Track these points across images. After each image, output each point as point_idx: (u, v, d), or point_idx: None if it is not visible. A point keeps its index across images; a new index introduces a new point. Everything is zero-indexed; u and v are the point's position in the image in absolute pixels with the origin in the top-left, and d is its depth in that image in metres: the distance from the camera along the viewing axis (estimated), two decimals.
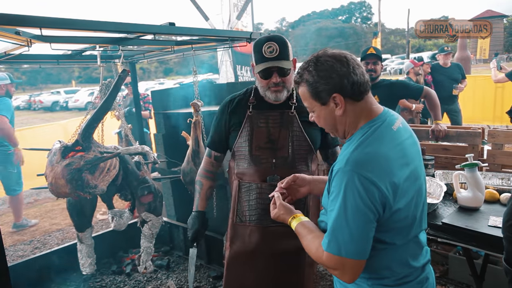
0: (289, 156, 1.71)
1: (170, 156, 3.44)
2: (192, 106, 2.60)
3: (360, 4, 76.42)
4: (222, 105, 1.84)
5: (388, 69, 26.07)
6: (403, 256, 1.12)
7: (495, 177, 2.29)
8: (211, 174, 1.89)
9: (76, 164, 2.23)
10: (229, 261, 1.81)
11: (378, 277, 1.11)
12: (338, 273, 1.06)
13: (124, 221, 2.71)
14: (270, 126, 1.73)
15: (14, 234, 4.44)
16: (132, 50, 3.11)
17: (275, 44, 1.60)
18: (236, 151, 1.78)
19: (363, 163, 1.02)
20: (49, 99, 25.05)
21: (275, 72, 1.63)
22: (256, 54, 1.64)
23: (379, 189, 1.00)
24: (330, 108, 1.12)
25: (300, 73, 1.15)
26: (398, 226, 1.08)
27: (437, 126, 2.80)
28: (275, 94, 1.67)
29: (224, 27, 5.59)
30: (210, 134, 1.89)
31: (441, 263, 2.93)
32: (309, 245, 1.15)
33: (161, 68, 44.82)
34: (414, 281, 1.13)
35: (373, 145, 1.05)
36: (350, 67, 1.09)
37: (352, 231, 1.01)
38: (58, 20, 1.77)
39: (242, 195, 1.76)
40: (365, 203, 1.00)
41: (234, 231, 1.79)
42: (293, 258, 1.77)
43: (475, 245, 1.70)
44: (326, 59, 1.10)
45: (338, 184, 1.03)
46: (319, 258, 1.09)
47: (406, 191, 1.07)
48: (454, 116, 5.23)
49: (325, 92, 1.09)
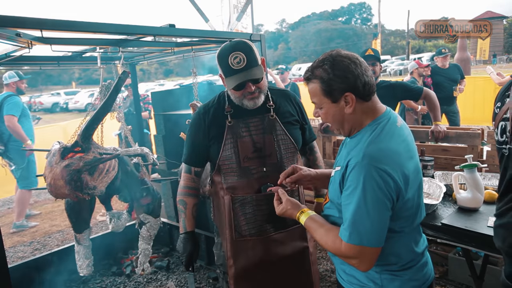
0: (278, 161, 1.66)
1: (170, 157, 3.44)
2: (192, 107, 2.60)
3: (360, 5, 76.61)
4: (196, 117, 1.72)
5: (388, 70, 26.10)
6: (408, 243, 1.21)
7: (494, 178, 2.30)
8: (194, 190, 1.76)
9: (75, 165, 2.23)
10: (236, 279, 1.72)
11: (386, 264, 1.18)
12: (357, 261, 1.11)
13: (122, 222, 2.71)
14: (253, 134, 1.65)
15: (14, 236, 4.44)
16: (132, 51, 3.12)
17: (240, 53, 1.52)
18: (222, 165, 1.67)
19: (379, 157, 1.09)
20: (49, 100, 25.10)
21: (248, 82, 1.55)
22: (223, 67, 1.55)
23: (394, 180, 1.08)
24: (340, 106, 1.17)
25: (312, 71, 1.18)
26: (406, 214, 1.17)
27: (436, 127, 2.80)
28: (253, 101, 1.59)
29: (224, 29, 5.61)
30: (186, 149, 1.75)
31: (441, 264, 2.92)
32: (323, 238, 1.20)
33: (161, 70, 44.91)
34: (416, 266, 1.21)
35: (385, 141, 1.13)
36: (363, 69, 1.15)
37: (373, 221, 1.07)
38: (58, 22, 1.77)
39: (237, 209, 1.68)
40: (383, 193, 1.07)
41: (235, 247, 1.71)
42: (299, 259, 1.76)
43: (474, 246, 1.70)
44: (342, 59, 1.14)
45: (356, 177, 1.08)
46: (337, 249, 1.14)
47: (413, 182, 1.16)
48: (452, 117, 5.24)
49: (339, 90, 1.14)
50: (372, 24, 68.08)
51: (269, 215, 1.65)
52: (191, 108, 2.61)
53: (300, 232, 1.76)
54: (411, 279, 1.20)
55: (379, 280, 1.19)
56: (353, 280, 1.25)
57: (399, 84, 3.23)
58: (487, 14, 25.99)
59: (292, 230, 1.74)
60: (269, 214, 1.65)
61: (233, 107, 1.67)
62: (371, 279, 1.20)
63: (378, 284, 1.19)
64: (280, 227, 1.71)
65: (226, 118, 1.66)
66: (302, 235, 1.77)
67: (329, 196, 1.29)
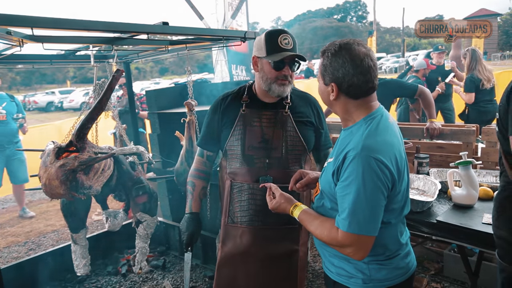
0: (282, 156, 1.69)
1: (165, 156, 3.43)
2: (186, 105, 2.59)
3: (355, 3, 76.63)
4: (214, 103, 1.80)
5: (384, 68, 26.15)
6: (395, 233, 1.27)
7: (489, 175, 2.31)
8: (204, 174, 1.84)
9: (70, 165, 2.21)
10: (220, 263, 1.77)
11: (374, 254, 1.22)
12: (353, 250, 1.15)
13: (119, 221, 2.70)
14: (263, 125, 1.69)
15: (8, 236, 4.41)
16: (126, 50, 3.10)
17: (289, 37, 1.59)
18: (228, 150, 1.74)
19: (377, 149, 1.13)
20: (44, 99, 24.90)
21: (287, 64, 1.60)
22: (269, 45, 1.59)
23: (390, 171, 1.13)
24: (328, 91, 1.25)
25: (324, 50, 1.26)
26: (396, 207, 1.22)
27: (431, 124, 2.81)
28: (283, 87, 1.63)
29: (219, 26, 5.58)
30: (201, 132, 1.84)
31: (436, 261, 2.94)
32: (318, 228, 1.24)
33: (157, 68, 44.71)
34: (401, 255, 1.28)
35: (381, 135, 1.18)
36: (360, 70, 1.18)
37: (372, 210, 1.12)
38: (49, 19, 1.75)
39: (234, 195, 1.73)
40: (382, 183, 1.12)
41: (226, 232, 1.76)
42: (286, 263, 1.74)
43: (469, 243, 1.71)
44: (344, 54, 1.19)
45: (355, 168, 1.12)
46: (333, 239, 1.18)
47: (404, 175, 1.22)
48: (447, 115, 5.26)
49: (328, 78, 1.23)
50: (368, 22, 68.23)
51: (262, 206, 1.66)
52: (186, 107, 2.60)
53: (293, 234, 1.74)
54: (396, 268, 1.26)
55: (367, 270, 1.24)
56: (342, 272, 1.28)
57: (394, 81, 3.25)
58: (481, 11, 26.11)
59: (285, 229, 1.72)
60: (262, 205, 1.66)
61: (250, 98, 1.73)
62: (360, 269, 1.25)
63: (366, 274, 1.24)
64: (272, 223, 1.70)
65: (241, 107, 1.71)
66: (294, 238, 1.75)
67: (321, 187, 1.32)
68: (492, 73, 4.39)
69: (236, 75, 5.78)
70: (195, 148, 2.60)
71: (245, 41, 2.58)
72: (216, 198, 2.92)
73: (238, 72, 5.80)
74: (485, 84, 4.25)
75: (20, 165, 4.70)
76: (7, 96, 4.72)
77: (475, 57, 4.28)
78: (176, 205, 3.56)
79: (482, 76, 4.24)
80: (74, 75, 37.66)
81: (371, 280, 1.24)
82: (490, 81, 4.28)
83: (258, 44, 1.63)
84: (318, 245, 1.37)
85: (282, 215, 1.66)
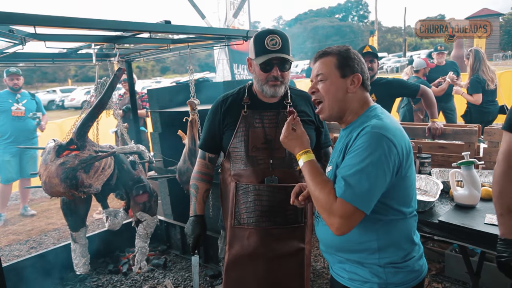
0: (286, 156, 1.69)
1: (167, 155, 3.43)
2: (189, 104, 2.59)
3: (357, 2, 76.47)
4: (215, 104, 1.79)
5: (385, 68, 26.10)
6: (408, 230, 1.26)
7: (491, 175, 2.30)
8: (207, 176, 1.83)
9: (70, 163, 2.21)
10: (228, 266, 1.75)
11: (388, 256, 1.21)
12: (339, 221, 1.11)
13: (119, 220, 2.69)
14: (266, 126, 1.69)
15: (9, 234, 4.42)
16: (128, 48, 3.10)
17: (277, 37, 1.58)
18: (232, 152, 1.73)
19: (387, 128, 1.16)
20: (45, 98, 24.86)
21: (276, 65, 1.60)
22: (256, 47, 1.60)
23: (398, 152, 1.15)
24: (346, 83, 1.25)
25: (327, 51, 1.29)
26: (405, 193, 1.23)
27: (433, 124, 2.80)
28: (274, 88, 1.63)
29: (221, 25, 5.58)
30: (202, 135, 1.83)
31: (438, 261, 2.94)
32: (318, 186, 1.18)
33: (158, 67, 44.71)
34: (415, 257, 1.26)
35: (388, 120, 1.22)
36: (365, 66, 1.31)
37: (371, 185, 1.11)
38: (52, 18, 1.75)
39: (240, 197, 1.71)
40: (387, 160, 1.12)
41: (232, 234, 1.74)
42: (293, 261, 1.75)
43: (471, 243, 1.71)
44: (356, 53, 1.30)
45: (364, 141, 1.14)
46: (327, 203, 1.14)
47: (411, 162, 1.23)
48: (449, 115, 5.24)
49: (351, 68, 1.26)
50: (369, 21, 68.06)
51: (269, 207, 1.67)
52: (188, 106, 2.59)
53: (299, 232, 1.75)
54: (412, 271, 1.24)
55: (383, 274, 1.21)
56: (355, 277, 1.25)
57: (396, 81, 3.23)
58: (483, 11, 26.00)
59: (292, 228, 1.73)
60: (268, 206, 1.67)
61: (251, 98, 1.72)
62: (375, 273, 1.22)
63: (382, 278, 1.21)
64: (279, 223, 1.71)
65: (242, 108, 1.70)
66: (301, 236, 1.76)
67: (330, 159, 1.34)
68: (495, 74, 4.37)
69: (238, 74, 5.78)
70: (197, 147, 2.59)
71: (247, 40, 2.58)
72: (217, 198, 2.93)
73: (239, 71, 5.80)
74: (490, 85, 4.23)
75: (30, 160, 4.78)
76: (28, 94, 4.83)
77: (478, 57, 4.26)
78: (177, 204, 3.56)
79: (486, 77, 4.22)
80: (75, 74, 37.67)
81: (387, 284, 1.21)
82: (493, 81, 4.27)
83: (250, 46, 1.66)
84: (325, 252, 1.35)
85: (288, 215, 1.65)
